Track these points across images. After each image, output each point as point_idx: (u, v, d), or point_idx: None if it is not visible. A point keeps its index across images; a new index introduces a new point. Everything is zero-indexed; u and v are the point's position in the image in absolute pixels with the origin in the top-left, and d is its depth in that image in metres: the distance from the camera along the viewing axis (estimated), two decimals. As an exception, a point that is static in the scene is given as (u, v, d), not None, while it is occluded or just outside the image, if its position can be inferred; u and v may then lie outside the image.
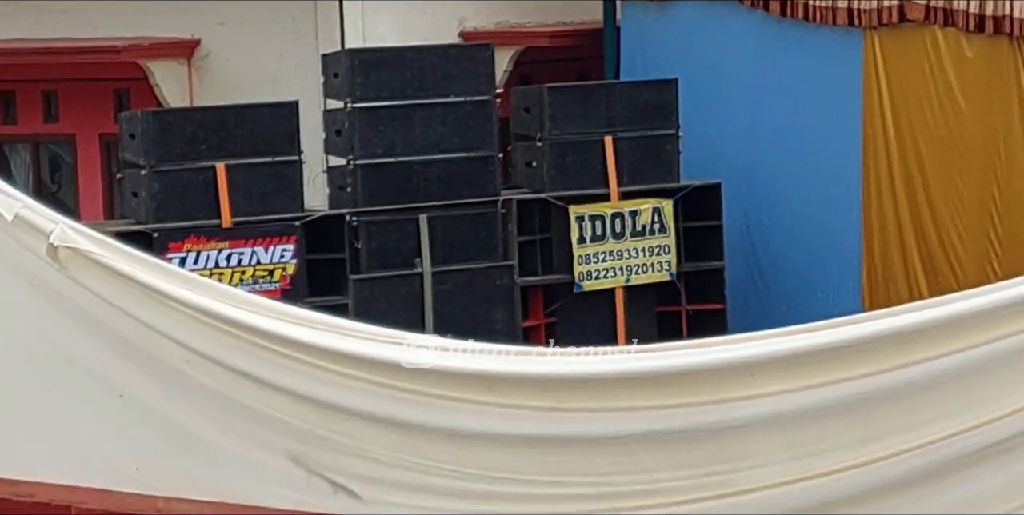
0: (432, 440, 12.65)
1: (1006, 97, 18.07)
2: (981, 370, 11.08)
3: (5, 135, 20.63)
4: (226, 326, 13.38)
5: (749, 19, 19.11)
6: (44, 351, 14.17)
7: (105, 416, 14.00)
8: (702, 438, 11.81)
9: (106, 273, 13.75)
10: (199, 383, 13.56)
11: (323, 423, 13.12)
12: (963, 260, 18.21)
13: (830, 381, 11.31)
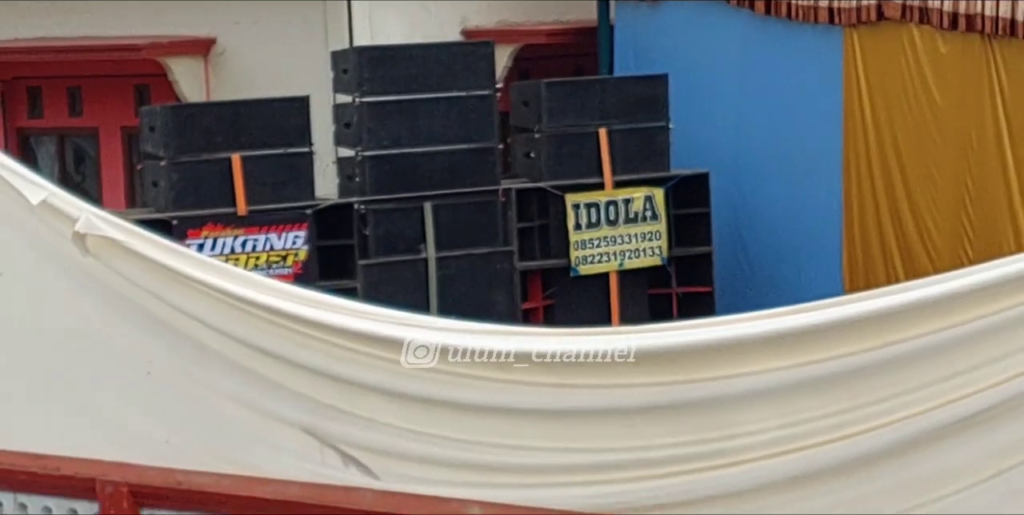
0: (441, 414, 12.58)
1: (978, 91, 18.05)
2: (958, 348, 11.04)
3: (32, 129, 20.61)
4: (247, 306, 13.32)
5: (735, 18, 19.08)
6: (71, 331, 14.10)
7: (131, 393, 13.95)
8: (699, 412, 11.75)
9: (132, 256, 13.71)
10: (222, 360, 13.52)
11: (337, 397, 13.05)
12: (938, 245, 18.17)
13: (819, 359, 11.24)
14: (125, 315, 13.73)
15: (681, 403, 11.63)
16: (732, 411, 11.39)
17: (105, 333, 13.80)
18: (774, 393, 11.27)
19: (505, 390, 12.24)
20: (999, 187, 17.90)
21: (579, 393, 12.00)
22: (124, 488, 13.41)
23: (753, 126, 18.97)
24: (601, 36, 19.69)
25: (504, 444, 12.27)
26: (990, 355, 10.89)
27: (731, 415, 11.43)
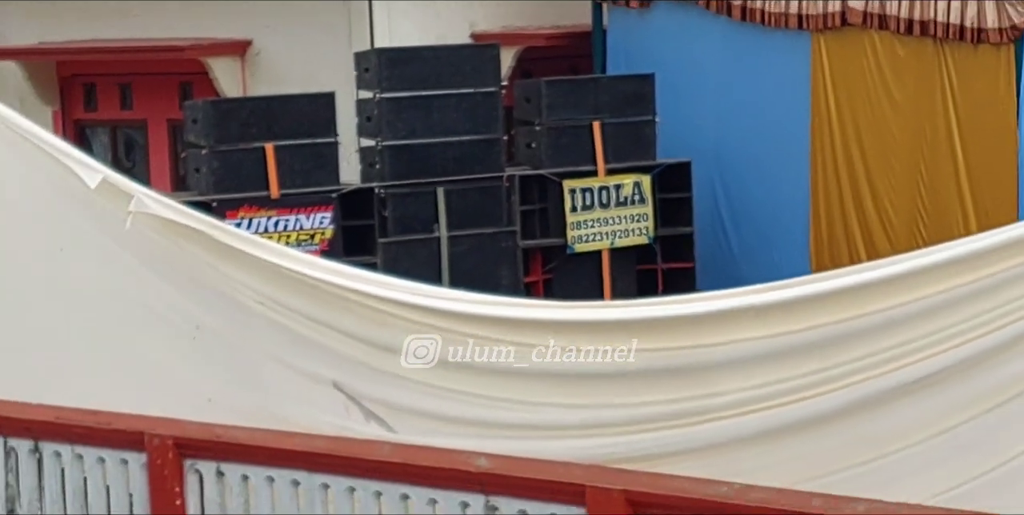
0: (457, 374, 12.67)
1: (931, 89, 18.11)
2: (911, 321, 11.11)
3: (87, 121, 20.64)
4: (284, 273, 13.44)
5: (715, 23, 19.12)
6: (125, 298, 14.19)
7: (178, 354, 14.03)
8: (682, 375, 11.82)
9: (180, 229, 13.80)
10: (261, 322, 13.60)
11: (364, 357, 13.16)
12: (895, 227, 18.23)
13: (791, 330, 11.32)
14: (174, 283, 13.81)
15: (668, 367, 11.69)
16: (711, 375, 11.46)
17: (156, 300, 13.86)
18: (749, 359, 11.33)
19: (517, 354, 12.32)
20: (950, 175, 17.97)
21: (581, 357, 12.10)
22: (169, 441, 13.50)
23: (731, 120, 19.02)
24: (595, 39, 19.74)
25: (511, 400, 12.34)
26: (938, 326, 10.95)
27: (710, 378, 11.49)
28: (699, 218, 18.79)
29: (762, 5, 18.92)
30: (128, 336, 14.09)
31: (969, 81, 17.99)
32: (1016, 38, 17.75)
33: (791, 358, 11.29)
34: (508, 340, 12.46)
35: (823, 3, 18.55)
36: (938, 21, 17.95)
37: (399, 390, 12.85)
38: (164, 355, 13.90)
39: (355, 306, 13.17)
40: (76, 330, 14.36)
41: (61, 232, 14.40)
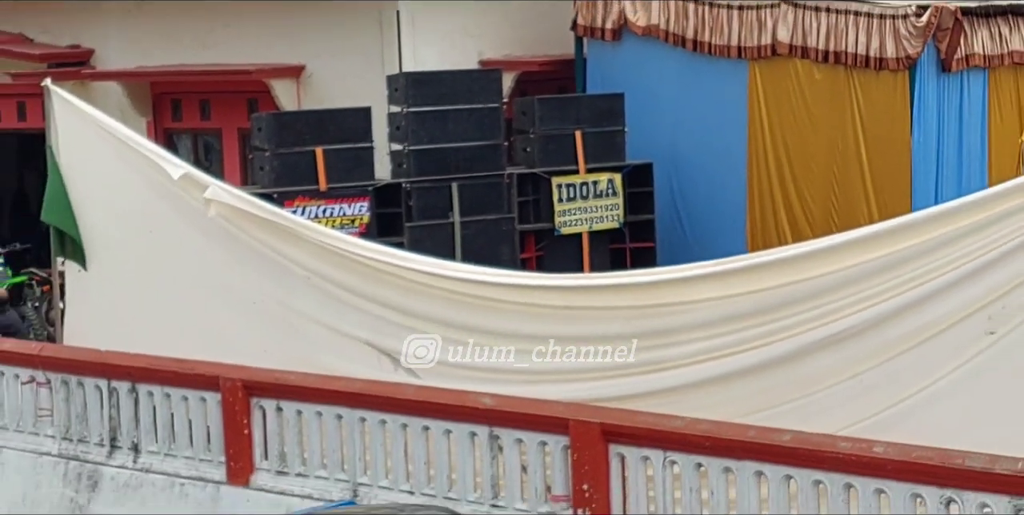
0: (471, 332, 12.55)
1: (842, 106, 17.96)
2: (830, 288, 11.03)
3: (174, 129, 20.55)
4: (329, 250, 13.32)
5: (672, 53, 18.96)
6: (202, 273, 14.07)
7: (242, 316, 13.93)
8: (649, 330, 11.74)
9: (245, 216, 13.69)
10: (307, 290, 13.49)
11: (394, 318, 13.05)
12: (814, 216, 18.08)
13: (735, 294, 11.25)
14: (238, 258, 13.69)
15: (637, 325, 11.62)
16: (672, 330, 11.39)
17: (224, 272, 13.76)
18: (702, 317, 11.26)
19: (521, 313, 12.22)
20: (856, 176, 17.83)
21: (573, 314, 11.98)
22: (239, 383, 13.42)
23: (684, 130, 18.85)
24: (577, 66, 19.58)
25: (514, 350, 12.24)
26: (850, 292, 10.88)
27: (671, 332, 11.42)
28: (659, 208, 18.64)
29: (709, 39, 18.80)
30: (203, 300, 14.00)
31: (872, 100, 17.87)
32: (910, 66, 17.64)
33: (735, 317, 11.22)
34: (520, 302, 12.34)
35: (757, 37, 18.41)
36: (848, 52, 17.83)
37: (423, 348, 12.74)
38: (231, 316, 13.80)
39: (385, 277, 13.07)
40: (163, 295, 14.27)
41: (152, 218, 14.30)
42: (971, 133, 18.15)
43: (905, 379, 10.61)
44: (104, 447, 14.31)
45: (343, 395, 12.90)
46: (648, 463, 11.20)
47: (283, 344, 13.51)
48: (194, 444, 13.73)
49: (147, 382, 14.04)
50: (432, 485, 12.21)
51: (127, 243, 14.56)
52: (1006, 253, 10.21)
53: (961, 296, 10.32)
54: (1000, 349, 10.24)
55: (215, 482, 13.48)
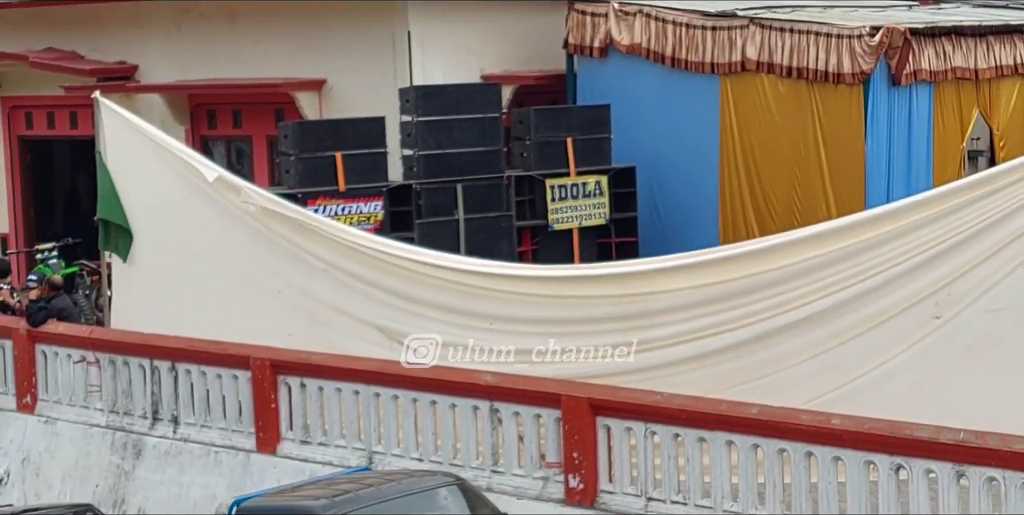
0: (469, 316, 12.52)
1: (803, 116, 17.90)
2: (793, 277, 11.00)
3: (209, 136, 20.50)
4: (346, 245, 13.28)
5: (652, 68, 18.90)
6: (233, 265, 14.03)
7: (269, 304, 13.89)
8: (630, 314, 11.70)
9: (273, 214, 13.65)
10: (327, 281, 13.44)
11: (402, 305, 13.00)
12: (779, 213, 18.02)
13: (709, 283, 11.21)
14: (265, 251, 13.64)
15: (618, 309, 11.58)
16: (651, 314, 11.35)
17: (253, 264, 13.71)
18: (678, 303, 11.22)
19: (516, 301, 12.18)
20: (816, 178, 17.76)
21: (561, 303, 11.95)
22: (267, 362, 13.40)
23: (663, 137, 18.77)
24: (568, 80, 19.52)
25: (508, 332, 12.18)
26: (811, 280, 10.86)
27: (650, 317, 11.39)
28: (641, 207, 18.57)
29: (685, 56, 18.72)
30: (233, 289, 13.95)
31: (830, 111, 17.80)
32: (864, 80, 17.59)
33: (707, 303, 11.19)
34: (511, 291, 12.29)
35: (728, 55, 18.36)
36: (809, 67, 17.77)
37: (426, 329, 12.69)
38: (258, 303, 13.75)
39: (396, 269, 13.02)
40: (198, 284, 14.24)
41: (189, 216, 14.26)
42: (918, 140, 18.14)
43: (861, 359, 10.60)
44: (147, 419, 14.32)
45: (360, 373, 12.90)
46: (631, 433, 11.24)
47: (305, 328, 13.49)
48: (227, 417, 13.74)
49: (185, 361, 14.04)
50: (439, 453, 12.25)
51: (167, 238, 14.54)
52: (951, 247, 10.20)
53: (911, 285, 10.31)
54: (945, 332, 10.23)
55: (246, 450, 13.49)
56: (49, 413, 15.07)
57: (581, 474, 11.44)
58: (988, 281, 10.05)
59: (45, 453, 14.95)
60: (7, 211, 22.47)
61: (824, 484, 10.37)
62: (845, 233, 10.86)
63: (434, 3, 18.95)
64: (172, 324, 14.30)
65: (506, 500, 11.35)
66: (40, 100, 21.87)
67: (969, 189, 10.34)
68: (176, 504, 13.76)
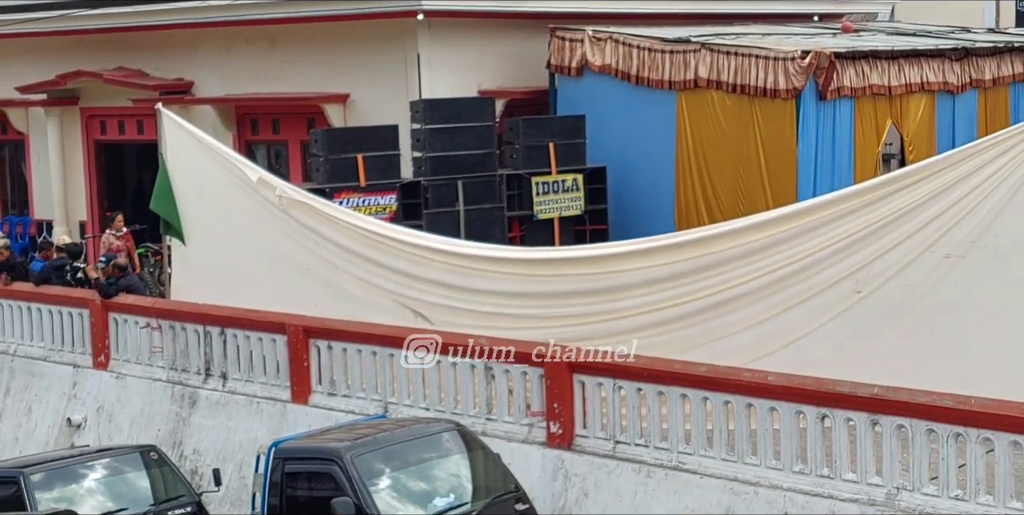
0: (465, 291, 12.47)
1: (745, 126, 17.80)
2: (735, 258, 10.96)
3: (253, 140, 20.39)
4: (363, 232, 13.22)
5: (620, 85, 18.78)
6: (271, 248, 13.96)
7: (300, 281, 13.83)
8: (599, 289, 11.65)
9: (304, 207, 13.59)
10: (348, 261, 13.37)
11: (411, 283, 12.93)
12: (725, 206, 17.88)
13: (665, 262, 11.17)
14: (299, 239, 13.59)
15: (591, 284, 11.54)
16: (618, 289, 11.31)
17: (286, 248, 13.65)
18: (637, 279, 11.18)
19: (503, 279, 12.14)
20: (756, 177, 17.66)
21: (540, 279, 11.91)
22: (301, 328, 13.34)
23: (630, 143, 18.66)
24: (551, 94, 19.41)
25: (500, 303, 12.14)
26: (752, 260, 10.82)
27: (616, 292, 11.34)
28: (610, 200, 18.47)
29: (647, 74, 18.60)
30: (271, 268, 13.90)
31: (768, 121, 17.70)
32: (796, 95, 17.51)
33: (662, 280, 11.15)
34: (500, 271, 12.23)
35: (683, 74, 18.24)
36: (751, 84, 17.68)
37: (433, 297, 12.65)
38: (292, 279, 13.70)
39: (404, 253, 12.92)
40: (242, 264, 14.20)
41: (236, 210, 14.20)
42: (841, 145, 18.11)
43: (793, 327, 10.58)
44: (200, 375, 14.28)
45: (376, 337, 12.87)
46: (602, 388, 11.22)
47: (329, 300, 13.44)
48: (267, 373, 13.70)
49: (233, 327, 14.00)
50: (442, 404, 12.22)
51: (216, 226, 14.51)
52: (869, 234, 10.20)
53: (836, 265, 10.30)
54: (864, 304, 10.22)
55: (282, 401, 13.46)
56: (119, 370, 15.04)
57: (560, 421, 11.42)
58: (900, 262, 10.04)
59: (116, 403, 14.93)
60: (85, 202, 22.43)
61: (762, 430, 10.36)
62: (780, 222, 10.83)
63: (439, 31, 18.80)
64: (221, 296, 14.26)
65: (498, 443, 11.32)
66: (112, 110, 21.77)
67: (883, 186, 10.32)
68: (224, 445, 13.74)
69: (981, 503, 9.40)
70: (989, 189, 9.54)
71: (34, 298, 16.02)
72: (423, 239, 13.16)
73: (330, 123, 19.03)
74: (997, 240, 9.53)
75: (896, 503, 9.70)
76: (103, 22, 21.05)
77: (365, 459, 9.92)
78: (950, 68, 19.43)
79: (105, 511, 12.02)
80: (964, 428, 9.41)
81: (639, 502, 10.82)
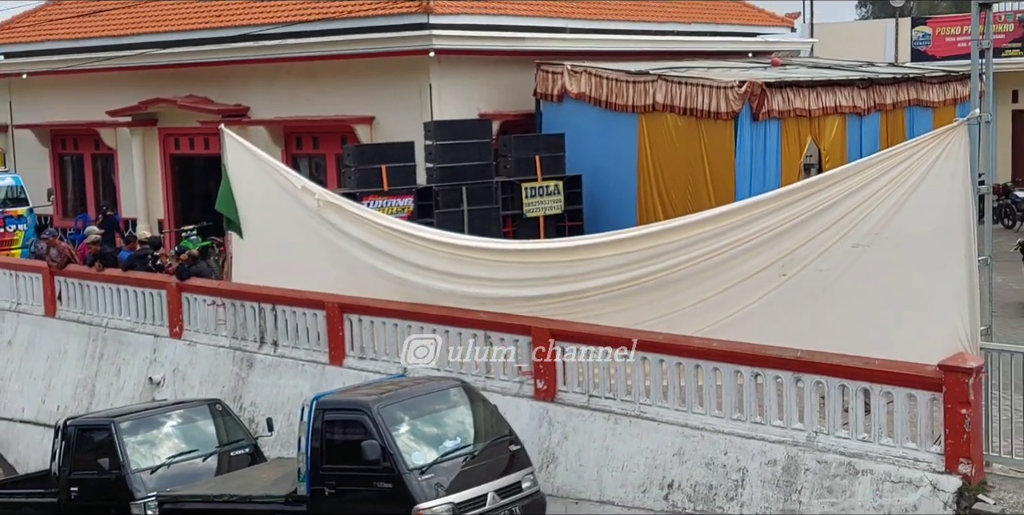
0: (467, 277, 12.35)
1: (694, 141, 17.79)
2: (688, 247, 10.89)
3: (298, 154, 20.27)
4: (387, 230, 13.10)
5: (593, 109, 18.72)
6: (311, 242, 13.81)
7: (336, 268, 13.54)
8: (569, 274, 11.54)
9: (338, 209, 13.49)
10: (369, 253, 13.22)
11: (415, 270, 12.73)
12: (676, 206, 17.77)
13: (628, 251, 11.05)
14: (332, 233, 13.46)
15: (568, 270, 11.44)
16: (590, 273, 11.22)
17: (324, 241, 13.51)
18: (607, 265, 11.08)
19: (498, 266, 12.04)
20: (703, 184, 17.61)
21: (528, 266, 11.81)
22: (336, 304, 13.27)
23: (600, 156, 18.57)
24: (536, 116, 19.37)
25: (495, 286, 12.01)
26: (697, 249, 10.66)
27: (586, 277, 11.23)
28: (585, 202, 18.43)
29: (615, 100, 18.48)
30: (311, 257, 13.71)
31: (712, 137, 17.69)
32: (734, 117, 17.47)
33: (627, 265, 11.06)
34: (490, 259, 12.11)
35: (643, 100, 18.16)
36: (698, 108, 17.64)
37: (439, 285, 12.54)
38: (328, 267, 13.52)
39: (417, 245, 12.80)
40: (288, 254, 14.08)
41: (284, 210, 14.10)
42: (770, 157, 18.12)
43: (731, 303, 10.52)
44: (256, 343, 14.23)
45: (397, 312, 12.82)
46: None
47: (359, 283, 13.36)
48: (309, 341, 13.65)
49: (282, 304, 13.94)
50: (450, 366, 12.17)
51: (267, 224, 14.42)
52: (792, 227, 10.13)
53: (766, 253, 10.23)
54: (788, 285, 10.17)
55: (322, 363, 13.42)
56: (191, 338, 14.99)
57: (545, 379, 11.40)
58: (817, 251, 10.00)
59: (188, 365, 14.89)
60: (162, 204, 22.41)
61: (707, 386, 10.35)
62: (721, 218, 10.76)
63: (447, 66, 18.74)
64: (272, 279, 14.21)
65: (495, 396, 11.31)
66: (184, 130, 21.72)
67: (804, 189, 10.28)
68: (275, 399, 13.72)
69: (883, 444, 9.42)
70: (889, 191, 9.51)
71: (122, 281, 15.98)
72: (433, 234, 13.08)
73: (359, 140, 18.98)
74: (896, 232, 9.51)
75: (815, 444, 9.71)
76: (176, 59, 21.02)
77: (388, 410, 9.90)
78: (858, 95, 19.43)
79: (180, 451, 12.01)
80: (869, 384, 9.42)
81: (608, 443, 10.82)
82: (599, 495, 10.66)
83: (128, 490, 11.45)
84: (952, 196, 9.06)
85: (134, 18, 22.45)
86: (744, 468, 9.90)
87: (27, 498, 12.83)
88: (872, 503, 9.18)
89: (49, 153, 24.32)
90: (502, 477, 9.83)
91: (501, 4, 19.97)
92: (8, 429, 16.74)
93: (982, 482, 9.03)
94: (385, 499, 9.45)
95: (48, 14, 24.51)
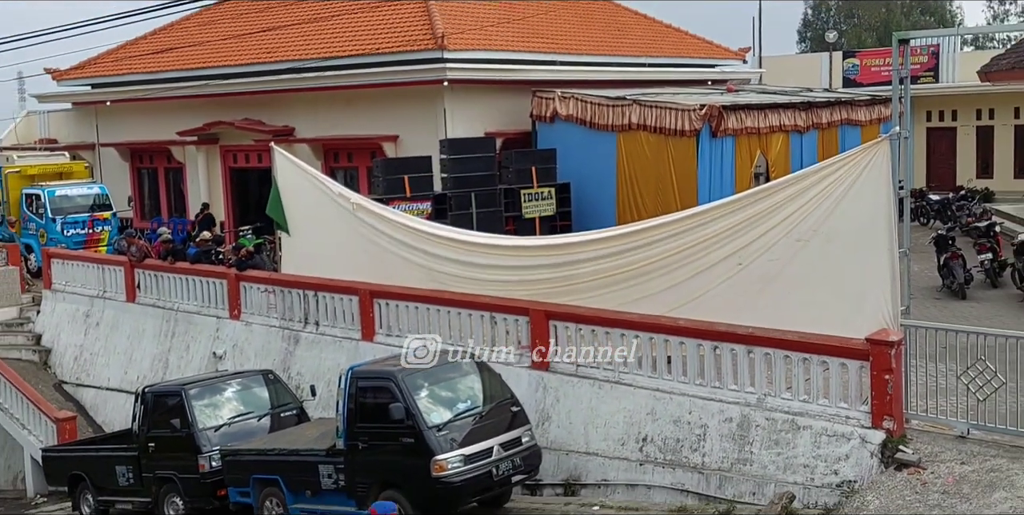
0: (474, 266, 12.31)
1: (662, 156, 17.74)
2: (662, 242, 10.84)
3: (335, 167, 20.29)
4: (409, 228, 13.05)
5: (578, 129, 18.69)
6: (347, 240, 13.76)
7: (368, 260, 13.51)
8: (561, 263, 11.52)
9: (370, 211, 13.44)
10: (397, 246, 13.18)
11: (434, 260, 12.69)
12: (648, 209, 17.66)
13: (610, 245, 11.05)
14: (365, 232, 13.41)
15: (559, 260, 11.42)
16: (575, 264, 11.20)
17: (359, 238, 13.49)
18: (591, 256, 11.07)
19: (500, 257, 11.98)
20: (670, 192, 17.57)
21: (525, 257, 11.78)
22: (368, 291, 13.22)
23: (585, 167, 18.55)
24: (533, 134, 19.35)
25: (498, 274, 11.98)
26: (666, 244, 10.61)
27: (575, 265, 11.23)
28: (573, 205, 18.35)
29: (597, 121, 18.48)
30: (348, 252, 13.65)
31: (678, 152, 17.64)
32: (696, 135, 17.46)
33: (608, 257, 11.04)
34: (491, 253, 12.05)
35: (621, 120, 18.15)
36: (667, 127, 17.61)
37: (455, 271, 12.50)
38: (362, 260, 13.45)
39: (433, 240, 12.75)
40: (329, 250, 14.04)
41: (324, 213, 14.06)
42: (726, 168, 18.08)
43: (696, 288, 10.50)
44: (301, 323, 14.19)
45: (418, 297, 12.78)
46: (568, 329, 11.18)
47: (386, 272, 13.33)
48: (345, 321, 13.61)
49: (322, 291, 13.87)
50: (462, 342, 12.13)
51: (311, 224, 14.39)
52: (745, 226, 10.11)
53: (725, 247, 10.21)
54: (744, 273, 10.16)
55: (356, 340, 13.38)
56: (247, 319, 14.96)
57: (540, 352, 11.38)
58: (767, 244, 9.99)
59: (245, 342, 14.87)
60: (223, 209, 22.40)
61: (675, 357, 10.33)
62: (686, 219, 10.73)
63: (458, 93, 18.68)
64: (314, 270, 14.17)
65: (499, 366, 11.28)
66: (241, 147, 21.70)
67: (755, 194, 10.26)
68: (317, 369, 13.69)
69: (820, 404, 9.41)
70: (826, 195, 9.51)
71: (190, 272, 15.95)
72: (447, 231, 13.06)
73: (386, 154, 18.95)
74: (831, 229, 9.52)
75: (764, 404, 9.71)
76: (234, 89, 20.97)
77: (411, 378, 9.91)
78: (799, 115, 19.38)
79: (239, 413, 12.03)
80: (808, 354, 9.42)
81: (593, 405, 10.82)
82: (585, 448, 10.67)
83: (196, 445, 11.54)
84: (877, 199, 9.08)
85: (199, 55, 22.43)
86: (705, 425, 9.90)
87: (113, 452, 12.93)
88: (811, 453, 9.20)
89: (129, 167, 24.33)
90: (505, 433, 9.86)
91: (503, 42, 19.99)
92: (96, 395, 16.77)
93: (902, 436, 9.05)
94: (408, 451, 9.48)
95: (128, 52, 24.52)
